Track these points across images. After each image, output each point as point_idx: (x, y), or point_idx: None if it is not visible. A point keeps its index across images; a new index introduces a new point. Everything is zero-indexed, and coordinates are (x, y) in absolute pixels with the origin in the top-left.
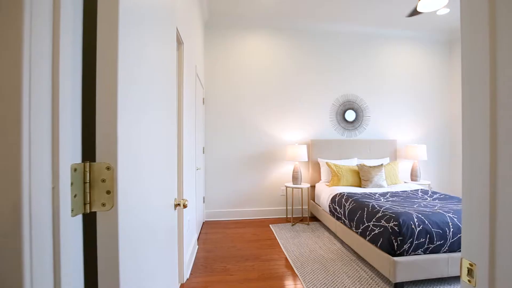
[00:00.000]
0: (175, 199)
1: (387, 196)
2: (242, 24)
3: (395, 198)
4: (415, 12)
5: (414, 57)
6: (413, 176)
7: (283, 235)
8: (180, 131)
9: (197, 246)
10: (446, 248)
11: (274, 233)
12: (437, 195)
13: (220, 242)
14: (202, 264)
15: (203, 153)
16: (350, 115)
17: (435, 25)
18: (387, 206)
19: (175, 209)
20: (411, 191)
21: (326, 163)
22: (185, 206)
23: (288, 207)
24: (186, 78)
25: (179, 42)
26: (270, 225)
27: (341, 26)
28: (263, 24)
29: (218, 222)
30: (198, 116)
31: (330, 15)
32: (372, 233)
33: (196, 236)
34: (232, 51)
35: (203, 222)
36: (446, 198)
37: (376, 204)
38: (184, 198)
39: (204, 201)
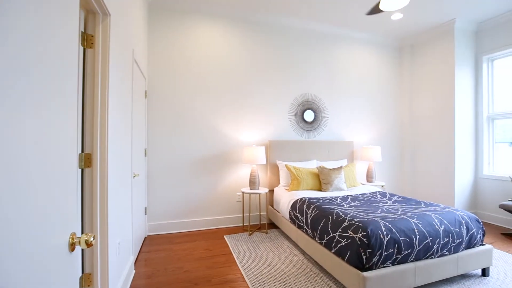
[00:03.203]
0: (73, 235)
1: (349, 200)
2: (195, 9)
3: (357, 202)
4: (376, 10)
5: (369, 60)
6: (369, 178)
7: (239, 248)
8: (104, 131)
9: (133, 271)
10: (413, 257)
11: (229, 245)
12: (395, 197)
13: (164, 262)
14: None
15: (145, 155)
16: (309, 116)
17: (388, 30)
18: (352, 213)
19: (71, 250)
20: (370, 193)
21: (286, 165)
22: (89, 244)
23: (244, 214)
24: (115, 62)
25: (104, 12)
26: (224, 236)
27: (302, 22)
28: (218, 11)
29: (163, 236)
30: (138, 112)
31: (290, 9)
32: (339, 245)
33: (132, 258)
34: (182, 39)
35: (145, 238)
36: (404, 200)
37: (340, 211)
38: (89, 232)
39: (146, 212)
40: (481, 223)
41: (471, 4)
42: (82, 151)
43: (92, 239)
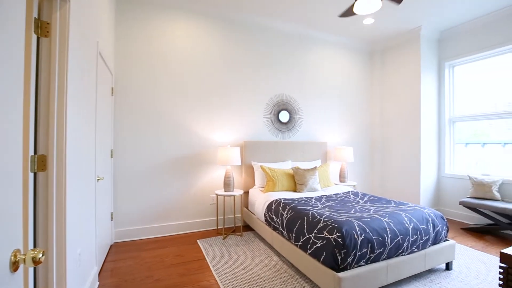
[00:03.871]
0: (16, 252)
1: (323, 200)
2: (164, 4)
3: (331, 202)
4: (349, 13)
5: (342, 63)
6: (342, 178)
7: (213, 253)
8: (62, 130)
9: (97, 283)
10: (385, 255)
11: (203, 250)
12: (367, 197)
13: (133, 271)
14: None
15: (112, 157)
16: (284, 116)
17: (361, 34)
18: (327, 214)
19: (14, 271)
20: (343, 193)
21: (261, 166)
22: (37, 262)
23: (219, 217)
24: (75, 53)
25: None
26: (198, 241)
27: (277, 23)
28: (192, 7)
29: (131, 243)
30: (103, 110)
31: (265, 9)
32: (314, 246)
33: (96, 269)
34: (153, 34)
35: (111, 245)
36: (375, 200)
37: (315, 212)
38: (37, 248)
39: (112, 218)
40: (446, 220)
41: (435, 13)
42: (35, 152)
43: (40, 255)
